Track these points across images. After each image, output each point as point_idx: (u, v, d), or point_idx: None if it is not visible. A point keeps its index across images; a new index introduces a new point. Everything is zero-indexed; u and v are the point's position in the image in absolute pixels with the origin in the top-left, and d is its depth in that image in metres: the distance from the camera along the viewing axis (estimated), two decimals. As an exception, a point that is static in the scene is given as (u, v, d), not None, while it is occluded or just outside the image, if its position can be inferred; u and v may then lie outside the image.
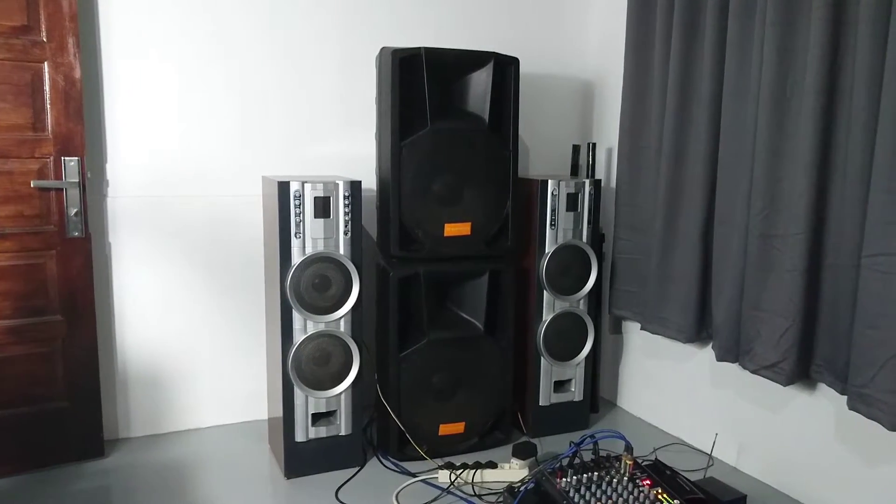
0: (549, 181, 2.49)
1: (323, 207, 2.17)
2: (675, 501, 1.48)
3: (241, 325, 2.63)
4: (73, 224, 2.27)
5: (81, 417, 2.34)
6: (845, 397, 1.89)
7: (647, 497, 1.49)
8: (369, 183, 2.50)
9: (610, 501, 1.46)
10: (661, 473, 1.66)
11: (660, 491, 1.52)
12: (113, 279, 2.46)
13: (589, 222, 2.56)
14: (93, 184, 2.37)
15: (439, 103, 2.35)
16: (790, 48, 2.02)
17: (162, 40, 2.42)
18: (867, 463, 1.96)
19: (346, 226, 2.21)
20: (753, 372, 2.15)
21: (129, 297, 2.48)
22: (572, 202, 2.52)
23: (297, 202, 2.15)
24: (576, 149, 2.88)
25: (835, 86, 1.93)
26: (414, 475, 2.28)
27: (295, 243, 2.16)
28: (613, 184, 2.80)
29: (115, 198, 2.43)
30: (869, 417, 1.81)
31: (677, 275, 2.45)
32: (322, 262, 2.19)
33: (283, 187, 2.13)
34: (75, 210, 2.26)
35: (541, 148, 3.03)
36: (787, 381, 2.05)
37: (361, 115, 2.67)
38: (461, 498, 2.13)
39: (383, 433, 2.43)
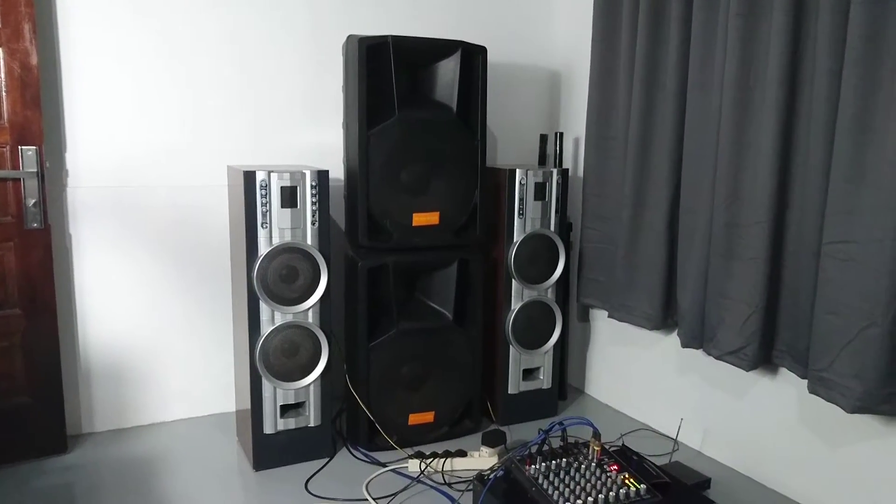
0: (517, 170, 2.49)
1: (290, 197, 2.15)
2: (642, 486, 1.50)
3: (208, 317, 2.60)
4: (31, 215, 2.21)
5: (43, 413, 2.29)
6: (806, 381, 1.94)
7: (614, 482, 1.51)
8: (337, 172, 2.48)
9: (578, 487, 1.48)
10: (627, 459, 1.68)
11: (627, 476, 1.54)
12: (74, 271, 2.40)
13: (557, 211, 2.58)
14: (52, 173, 2.31)
15: (407, 92, 2.34)
16: (753, 39, 2.05)
17: (124, 28, 2.36)
18: (827, 445, 2.01)
19: (313, 216, 2.19)
20: (717, 358, 2.19)
21: (92, 289, 2.43)
22: (540, 191, 2.53)
23: (264, 192, 2.12)
24: (543, 138, 2.89)
25: (796, 77, 1.96)
26: (384, 465, 2.28)
27: (261, 234, 2.13)
28: (581, 173, 2.82)
29: (75, 188, 2.37)
30: (829, 401, 1.85)
31: (643, 263, 2.48)
32: (289, 252, 2.17)
33: (249, 177, 2.11)
34: (34, 201, 2.20)
35: (508, 137, 3.04)
36: (750, 367, 2.09)
37: (328, 103, 2.64)
38: (431, 486, 2.14)
39: (353, 424, 2.42)
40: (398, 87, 2.26)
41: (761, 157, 2.02)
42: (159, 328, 2.54)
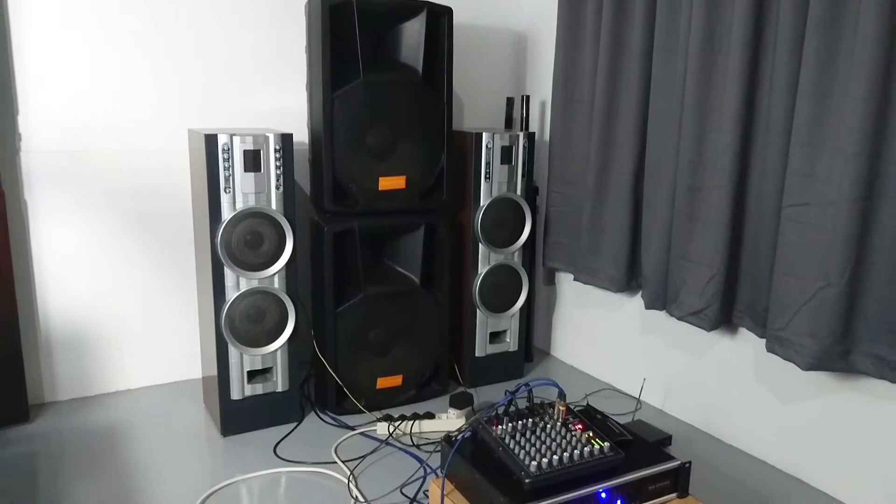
0: (484, 134, 2.48)
1: (253, 161, 2.11)
2: (606, 443, 1.54)
3: (171, 283, 2.56)
4: (-17, 180, 2.14)
5: (3, 382, 2.24)
6: (764, 341, 2.00)
7: (579, 440, 1.54)
8: (301, 136, 2.44)
9: (544, 446, 1.51)
10: (592, 418, 1.71)
11: (591, 434, 1.57)
12: (31, 238, 2.34)
13: (523, 175, 2.58)
14: (3, 137, 2.23)
15: (371, 54, 2.30)
16: (718, 3, 2.05)
17: (74, -17, 2.27)
18: (782, 401, 2.08)
19: (277, 180, 2.15)
20: (680, 319, 2.23)
21: (50, 256, 2.37)
22: (507, 155, 2.53)
23: (226, 156, 2.08)
24: (510, 101, 2.88)
25: (759, 41, 1.97)
26: (352, 428, 2.29)
27: (225, 198, 2.10)
28: (547, 137, 2.82)
29: (29, 152, 2.29)
30: (785, 359, 1.91)
31: (608, 226, 2.51)
32: (253, 217, 2.14)
33: (211, 140, 2.06)
34: (-15, 165, 2.13)
35: (475, 100, 3.01)
36: (711, 327, 2.14)
37: (292, 65, 2.59)
38: (400, 448, 2.17)
39: (321, 388, 2.43)
40: (362, 48, 2.22)
41: (724, 121, 2.04)
42: (122, 295, 2.50)
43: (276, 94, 2.61)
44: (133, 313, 2.53)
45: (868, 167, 1.70)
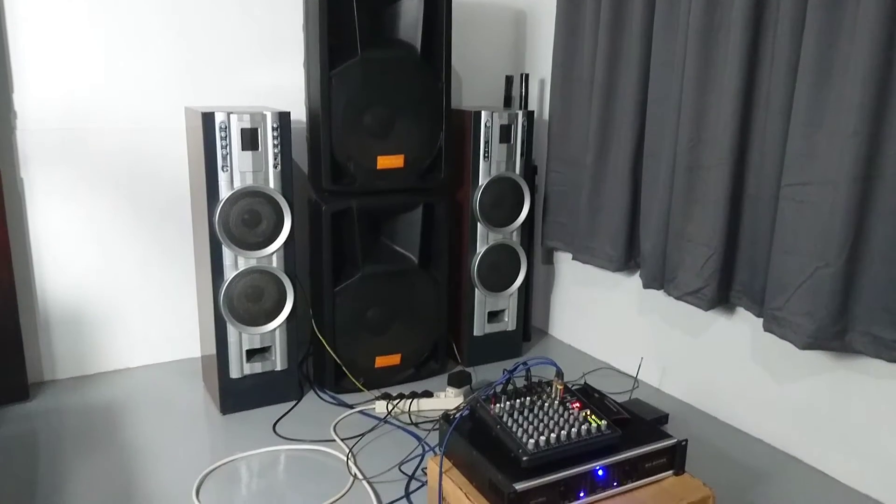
0: (483, 112, 2.47)
1: (251, 139, 2.10)
2: (603, 421, 1.55)
3: (170, 262, 2.56)
4: (-21, 158, 2.13)
5: (3, 360, 2.25)
6: (761, 320, 2.00)
7: (576, 419, 1.55)
8: (299, 114, 2.42)
9: (542, 424, 1.52)
10: (589, 396, 1.72)
11: (588, 412, 1.58)
12: (28, 217, 2.33)
13: (522, 154, 2.57)
14: (-1, 115, 2.22)
15: (369, 31, 2.27)
16: (719, -21, 2.03)
17: (67, -42, 2.24)
18: (777, 380, 2.09)
19: (275, 158, 2.14)
20: (677, 298, 2.24)
21: (48, 235, 2.37)
22: (505, 134, 2.52)
23: (223, 134, 2.07)
24: (509, 80, 2.86)
25: (760, 20, 1.96)
26: (351, 407, 2.31)
27: (222, 177, 2.09)
28: (546, 116, 2.80)
29: (24, 130, 2.28)
30: (782, 338, 1.92)
31: (607, 206, 2.50)
32: (251, 196, 2.13)
33: (208, 119, 2.05)
34: (-19, 143, 2.12)
35: (474, 79, 2.99)
36: (709, 306, 2.15)
37: (289, 43, 2.56)
38: (398, 427, 2.18)
39: (319, 367, 2.44)
40: (360, 26, 2.20)
41: (724, 100, 2.03)
42: (120, 274, 2.50)
43: (273, 72, 2.59)
44: (132, 292, 2.53)
45: (868, 146, 1.69)
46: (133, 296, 2.53)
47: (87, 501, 1.79)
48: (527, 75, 2.79)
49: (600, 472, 1.49)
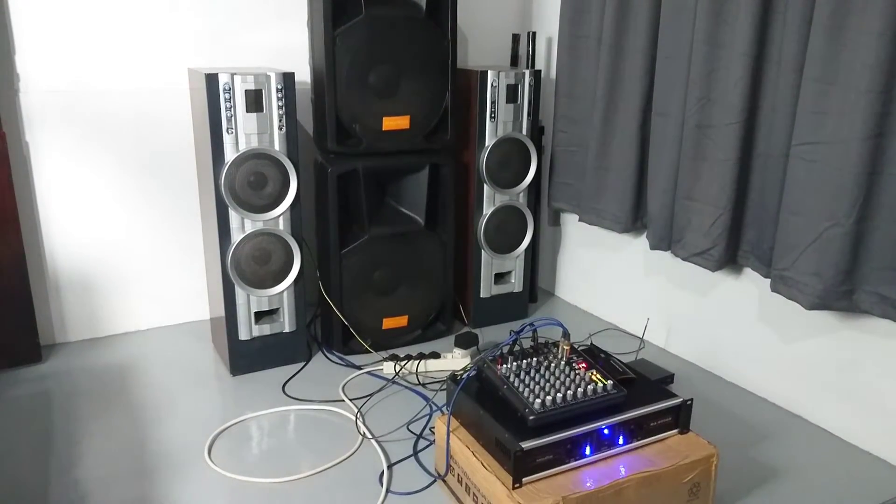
0: (489, 72, 2.43)
1: (255, 101, 2.08)
2: (609, 381, 1.56)
3: (177, 225, 2.56)
4: (-17, 122, 2.12)
5: (13, 323, 2.27)
6: (769, 280, 2.00)
7: (582, 379, 1.56)
8: (304, 75, 2.40)
9: (548, 384, 1.53)
10: (595, 357, 1.73)
11: (594, 373, 1.59)
12: (34, 180, 2.33)
13: (529, 115, 2.54)
14: (2, 78, 2.20)
15: (374, -11, 2.23)
16: (732, -69, 1.98)
17: (65, -85, 2.20)
18: (784, 340, 2.09)
19: (280, 120, 2.13)
20: (685, 259, 2.23)
21: (55, 198, 2.37)
22: (512, 94, 2.48)
23: (227, 96, 2.05)
24: (515, 38, 2.81)
25: (774, -28, 1.91)
26: (359, 368, 2.33)
27: (227, 139, 2.08)
28: (553, 75, 2.76)
29: (27, 93, 2.26)
30: (789, 298, 1.92)
31: (614, 166, 2.48)
32: (257, 158, 2.12)
33: (212, 80, 2.03)
34: (-16, 106, 2.11)
35: (479, 37, 2.94)
36: (716, 267, 2.14)
37: (293, 1, 2.52)
38: (406, 387, 2.20)
39: (327, 329, 2.46)
40: (364, -17, 2.16)
41: (734, 56, 1.99)
42: (128, 237, 2.51)
43: (277, 31, 2.55)
44: (140, 255, 2.54)
45: (881, 104, 1.67)
46: (142, 258, 2.55)
47: (102, 458, 1.83)
48: (534, 34, 2.74)
49: (606, 431, 1.51)
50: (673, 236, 2.28)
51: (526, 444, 1.41)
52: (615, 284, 2.72)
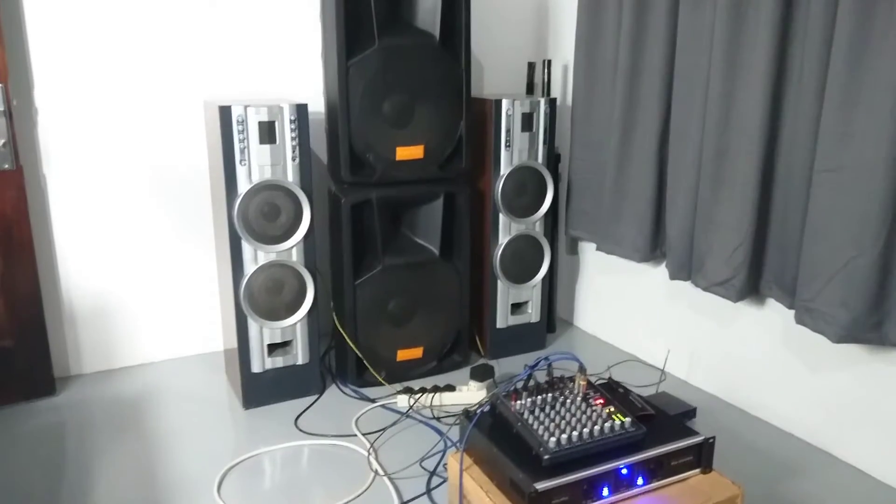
0: (504, 100, 2.42)
1: (268, 132, 2.08)
2: (627, 418, 1.50)
3: (191, 256, 2.56)
4: (1, 156, 2.14)
5: (29, 355, 2.27)
6: (792, 312, 1.93)
7: (599, 415, 1.51)
8: (317, 106, 2.40)
9: (563, 421, 1.48)
10: (613, 391, 1.68)
11: (612, 409, 1.54)
12: (51, 212, 2.35)
13: (545, 142, 2.51)
14: (20, 112, 2.22)
15: (387, 18, 2.23)
16: (748, -44, 1.95)
17: (84, -47, 2.23)
18: (811, 373, 2.02)
19: (293, 151, 2.12)
20: (705, 289, 2.18)
21: (71, 230, 2.38)
22: (527, 122, 2.46)
23: (241, 127, 2.05)
24: (531, 66, 2.80)
25: (792, -5, 1.88)
26: (373, 401, 2.29)
27: (240, 171, 2.07)
28: (570, 102, 2.74)
29: (46, 127, 2.29)
30: (815, 331, 1.85)
31: (632, 192, 2.44)
32: (270, 189, 2.12)
33: (225, 112, 2.03)
34: (3, 140, 2.13)
35: (494, 65, 2.93)
36: (738, 298, 2.08)
37: (306, 33, 2.53)
38: (420, 421, 2.16)
39: (341, 361, 2.43)
40: (377, 13, 2.16)
41: (754, 80, 1.95)
42: (142, 268, 2.51)
43: (290, 62, 2.56)
44: (154, 286, 2.54)
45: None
46: (156, 290, 2.54)
47: (113, 490, 1.81)
48: (549, 61, 2.72)
49: (624, 471, 1.45)
50: (693, 265, 2.23)
51: (540, 485, 1.36)
52: (635, 314, 2.66)
